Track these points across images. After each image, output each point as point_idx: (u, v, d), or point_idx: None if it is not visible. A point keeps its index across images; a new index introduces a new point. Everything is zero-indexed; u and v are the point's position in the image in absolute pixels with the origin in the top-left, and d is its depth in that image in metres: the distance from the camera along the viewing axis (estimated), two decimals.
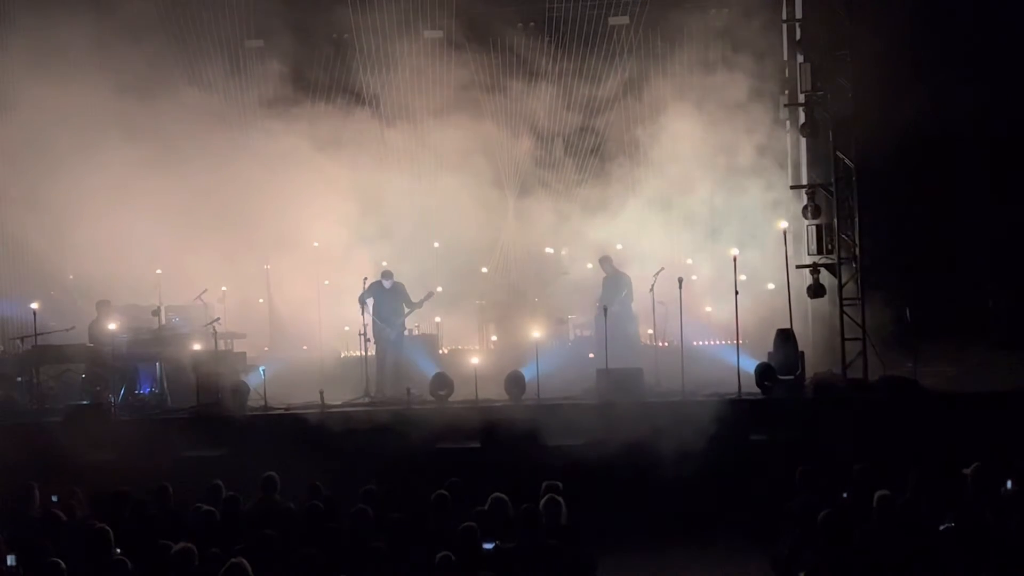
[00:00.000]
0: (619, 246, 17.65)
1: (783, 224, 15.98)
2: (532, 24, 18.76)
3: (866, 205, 16.65)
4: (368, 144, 18.57)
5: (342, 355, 18.34)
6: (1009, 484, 10.73)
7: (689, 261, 17.94)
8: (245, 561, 8.78)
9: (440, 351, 17.72)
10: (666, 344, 16.75)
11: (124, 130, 17.03)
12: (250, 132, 18.13)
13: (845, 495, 10.81)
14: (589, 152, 18.91)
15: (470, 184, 18.54)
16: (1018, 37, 15.75)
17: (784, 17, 18.32)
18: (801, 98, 17.57)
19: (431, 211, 18.85)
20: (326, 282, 18.02)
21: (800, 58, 17.54)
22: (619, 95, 18.50)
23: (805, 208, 17.00)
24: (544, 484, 10.95)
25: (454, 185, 18.76)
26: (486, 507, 10.54)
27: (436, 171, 19.10)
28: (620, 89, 18.51)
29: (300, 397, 15.68)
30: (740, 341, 15.72)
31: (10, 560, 9.61)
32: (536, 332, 15.71)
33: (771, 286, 17.09)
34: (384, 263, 17.12)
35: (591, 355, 16.76)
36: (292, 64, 18.12)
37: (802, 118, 17.61)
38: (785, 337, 15.47)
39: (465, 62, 18.77)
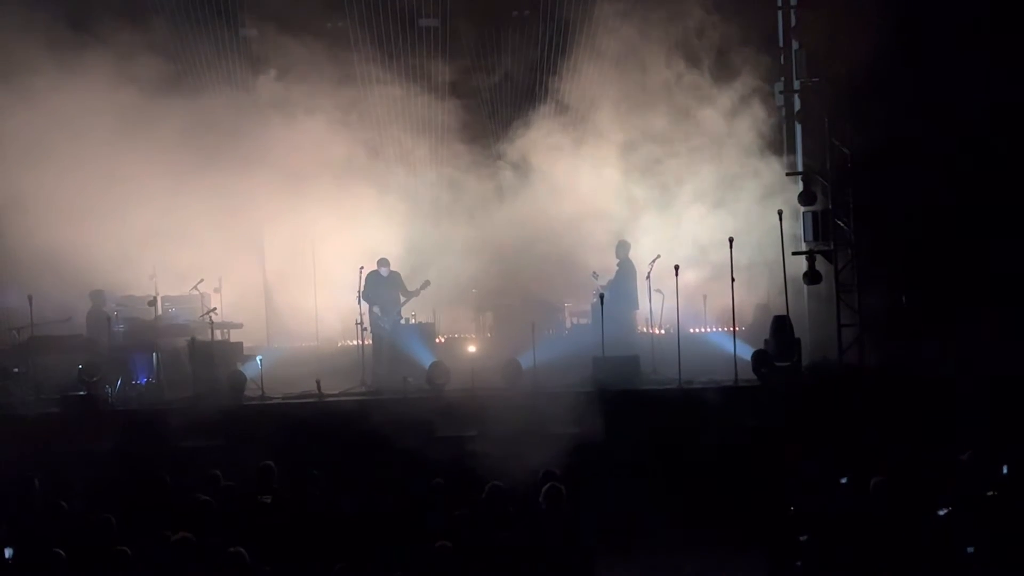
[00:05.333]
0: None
1: (779, 211, 16.00)
2: (527, 12, 18.73)
3: (861, 191, 16.65)
4: (363, 133, 18.53)
5: (339, 344, 18.33)
6: (1005, 468, 10.77)
7: (682, 249, 17.87)
8: (243, 550, 8.81)
9: (437, 340, 17.72)
10: (663, 332, 16.77)
11: (117, 121, 16.96)
12: (244, 121, 18.03)
13: (843, 481, 10.84)
14: (579, 137, 18.80)
15: (467, 172, 18.52)
16: (1016, 20, 15.74)
17: (779, 3, 18.29)
18: (797, 85, 17.58)
19: (428, 201, 18.81)
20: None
21: (796, 45, 17.53)
22: (611, 80, 18.46)
23: (801, 195, 17.01)
24: (542, 472, 10.97)
25: (448, 171, 18.77)
26: (483, 496, 10.56)
27: (431, 158, 19.06)
28: (613, 74, 18.45)
29: (297, 387, 15.67)
30: (737, 328, 15.76)
31: (7, 553, 9.61)
32: (533, 320, 15.74)
33: (767, 273, 17.10)
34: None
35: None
36: (289, 54, 18.02)
37: (798, 105, 17.62)
38: (781, 324, 15.49)
39: (460, 50, 18.75)
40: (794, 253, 16.54)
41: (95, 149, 16.95)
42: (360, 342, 16.53)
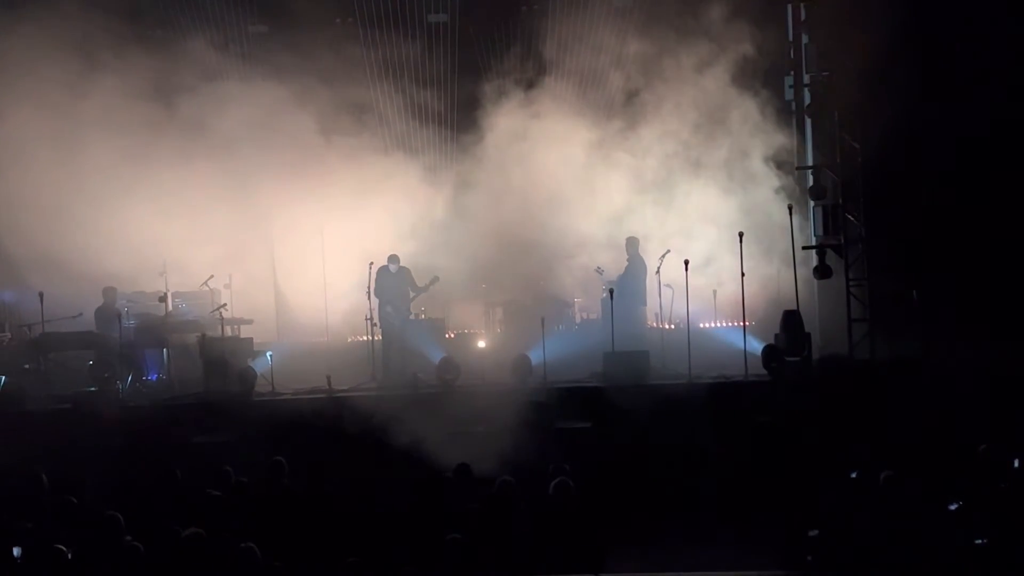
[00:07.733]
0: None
1: (789, 205, 15.97)
2: (536, 7, 18.72)
3: (872, 185, 16.61)
4: (372, 128, 18.57)
5: (349, 340, 18.36)
6: (1016, 463, 10.74)
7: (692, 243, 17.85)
8: (254, 545, 8.83)
9: (447, 335, 17.73)
10: (672, 327, 16.76)
11: (127, 117, 17.00)
12: (251, 117, 18.04)
13: (853, 475, 10.82)
14: (590, 131, 18.75)
15: (476, 167, 18.50)
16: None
17: None
18: (807, 79, 17.53)
19: (438, 196, 18.81)
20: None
21: (805, 39, 17.48)
22: (621, 75, 18.44)
23: (811, 189, 16.97)
24: (551, 467, 10.97)
25: (457, 165, 18.79)
26: (494, 490, 10.57)
27: (439, 153, 19.09)
28: (621, 69, 18.44)
29: (307, 382, 15.70)
30: (747, 323, 15.74)
31: (16, 552, 9.62)
32: (542, 315, 15.74)
33: (777, 267, 17.08)
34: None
35: None
36: (296, 49, 18.02)
37: (808, 99, 17.58)
38: (792, 318, 15.45)
39: (469, 44, 18.75)
40: (804, 247, 16.51)
41: (105, 147, 16.98)
42: (370, 337, 16.57)
